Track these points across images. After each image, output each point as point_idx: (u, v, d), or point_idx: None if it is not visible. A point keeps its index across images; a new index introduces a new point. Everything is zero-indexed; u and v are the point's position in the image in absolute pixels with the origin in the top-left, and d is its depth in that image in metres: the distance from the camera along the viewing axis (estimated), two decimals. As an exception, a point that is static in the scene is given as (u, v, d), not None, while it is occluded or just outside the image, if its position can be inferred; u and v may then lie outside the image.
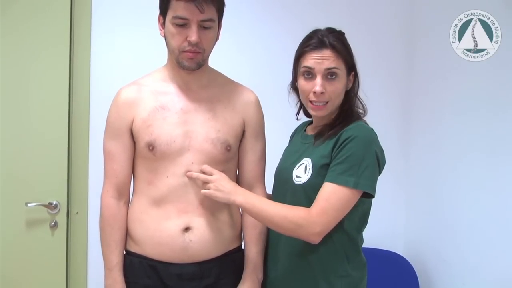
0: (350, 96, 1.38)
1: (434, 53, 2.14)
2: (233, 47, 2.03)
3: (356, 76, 1.39)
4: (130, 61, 2.09)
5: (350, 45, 1.37)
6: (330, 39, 1.32)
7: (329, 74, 1.31)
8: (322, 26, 1.39)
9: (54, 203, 2.02)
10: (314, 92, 1.31)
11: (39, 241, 2.02)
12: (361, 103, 1.41)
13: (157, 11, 1.37)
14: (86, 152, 2.08)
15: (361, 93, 1.41)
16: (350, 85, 1.38)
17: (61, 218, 2.04)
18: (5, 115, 2.00)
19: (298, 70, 1.37)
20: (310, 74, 1.33)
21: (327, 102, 1.33)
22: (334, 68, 1.31)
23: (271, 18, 2.24)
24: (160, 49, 1.44)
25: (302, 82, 1.36)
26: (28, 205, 1.99)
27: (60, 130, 2.04)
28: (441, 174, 2.09)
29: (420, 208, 2.27)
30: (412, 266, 2.19)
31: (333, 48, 1.31)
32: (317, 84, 1.30)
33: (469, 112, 1.91)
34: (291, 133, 1.61)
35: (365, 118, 1.40)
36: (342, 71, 1.33)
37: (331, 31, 1.35)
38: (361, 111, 1.40)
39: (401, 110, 2.35)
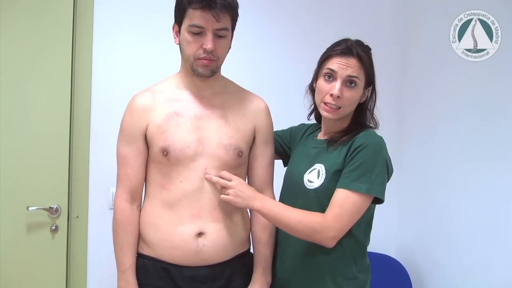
0: (363, 109, 1.43)
1: (432, 54, 2.16)
2: (231, 51, 2.06)
3: (373, 92, 1.43)
4: (131, 63, 2.10)
5: None
6: (358, 50, 1.37)
7: (349, 82, 1.37)
8: (318, 30, 1.43)
9: (55, 207, 2.02)
10: (331, 95, 1.37)
11: (40, 245, 2.01)
12: (374, 119, 1.45)
13: (159, 13, 1.40)
14: (87, 156, 2.08)
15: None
16: (364, 98, 1.43)
17: (62, 222, 2.03)
18: (6, 117, 1.98)
19: (320, 72, 1.42)
20: (331, 76, 1.38)
21: (339, 108, 1.38)
22: (355, 77, 1.36)
23: (269, 23, 2.27)
24: (161, 51, 1.45)
25: (321, 83, 1.41)
26: (29, 208, 1.97)
27: (61, 134, 2.03)
28: (434, 176, 2.13)
29: (413, 210, 2.31)
30: (405, 269, 2.23)
31: (359, 58, 1.37)
32: (336, 87, 1.36)
33: (462, 114, 1.95)
34: (291, 127, 1.65)
35: None
36: (361, 82, 1.38)
37: (360, 43, 1.41)
38: (372, 126, 1.45)
39: (395, 111, 2.40)
